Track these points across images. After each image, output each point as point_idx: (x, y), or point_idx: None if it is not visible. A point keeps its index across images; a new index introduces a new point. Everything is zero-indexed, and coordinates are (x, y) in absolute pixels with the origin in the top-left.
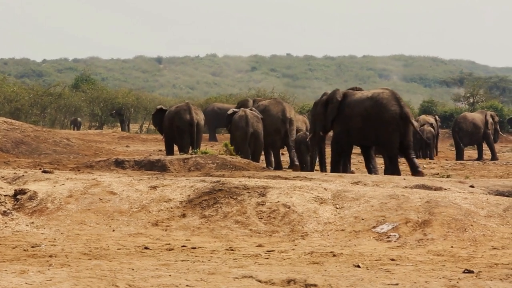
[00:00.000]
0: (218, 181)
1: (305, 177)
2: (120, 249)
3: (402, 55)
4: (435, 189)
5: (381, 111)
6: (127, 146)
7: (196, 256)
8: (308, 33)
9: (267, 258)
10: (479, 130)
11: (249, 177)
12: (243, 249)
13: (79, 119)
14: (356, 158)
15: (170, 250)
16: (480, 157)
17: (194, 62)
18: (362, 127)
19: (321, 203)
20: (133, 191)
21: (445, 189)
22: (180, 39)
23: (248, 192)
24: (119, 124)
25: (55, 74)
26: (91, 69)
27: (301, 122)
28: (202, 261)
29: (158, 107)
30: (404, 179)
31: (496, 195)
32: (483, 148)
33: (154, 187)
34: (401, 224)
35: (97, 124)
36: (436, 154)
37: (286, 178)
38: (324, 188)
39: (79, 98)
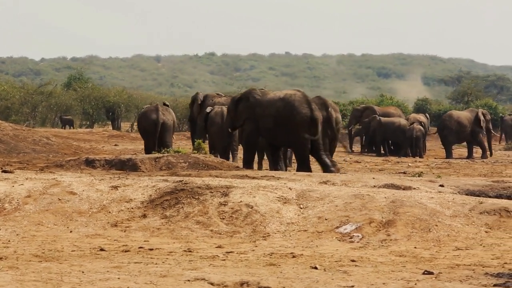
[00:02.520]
0: (180, 181)
1: (273, 176)
2: (74, 251)
3: (401, 53)
4: (404, 189)
5: (292, 113)
6: (115, 145)
7: (151, 258)
8: (307, 31)
9: (224, 260)
10: (465, 128)
11: (216, 176)
12: (201, 250)
13: (70, 117)
14: (339, 157)
15: (126, 251)
16: (470, 156)
17: (193, 61)
18: (272, 127)
19: (285, 203)
20: (93, 191)
21: (414, 189)
22: (179, 38)
23: (210, 192)
24: (110, 123)
25: (52, 73)
26: (89, 68)
27: None
28: (156, 263)
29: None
30: (374, 178)
31: (467, 194)
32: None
33: (116, 187)
34: (364, 224)
35: (88, 123)
36: (425, 152)
37: (253, 178)
38: (289, 188)
39: (70, 96)
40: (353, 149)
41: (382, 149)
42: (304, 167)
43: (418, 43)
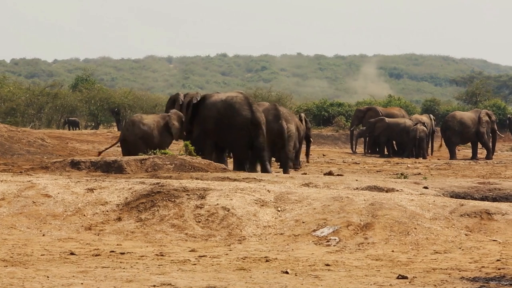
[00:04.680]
0: (157, 183)
1: (254, 178)
2: (44, 255)
3: (413, 54)
4: (386, 191)
5: (233, 115)
6: (118, 146)
7: (121, 262)
8: (319, 32)
9: (195, 264)
10: (468, 129)
11: (196, 178)
12: (174, 254)
13: (76, 119)
14: (340, 158)
15: (96, 255)
16: (474, 156)
17: (204, 62)
18: (215, 129)
19: (262, 205)
20: (68, 194)
21: (398, 191)
22: (191, 39)
23: (187, 194)
24: (115, 124)
25: (65, 74)
26: (101, 69)
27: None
28: (124, 268)
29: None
30: (357, 180)
31: (452, 196)
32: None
33: (91, 190)
34: (342, 227)
35: (93, 124)
36: (432, 154)
37: (234, 180)
38: (267, 190)
39: (75, 98)
40: (356, 150)
41: (386, 150)
42: (253, 168)
43: (430, 44)
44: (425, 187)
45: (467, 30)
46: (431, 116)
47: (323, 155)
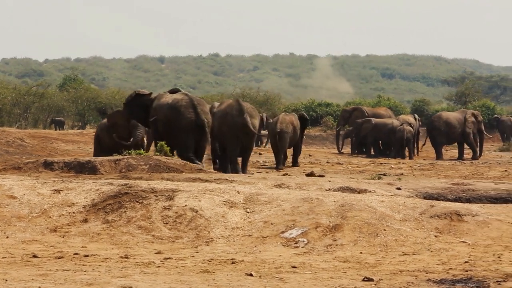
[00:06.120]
0: (125, 184)
1: (226, 179)
2: (5, 257)
3: (405, 54)
4: (359, 192)
5: (178, 118)
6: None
7: (83, 265)
8: (311, 32)
9: (159, 267)
10: (454, 129)
11: (167, 179)
12: (139, 256)
13: (62, 119)
14: (325, 159)
15: (59, 258)
16: (460, 157)
17: (197, 62)
18: (163, 131)
19: (231, 207)
20: (34, 195)
21: (370, 192)
22: (183, 39)
23: (155, 195)
24: None
25: (56, 74)
26: (93, 69)
27: (287, 123)
28: (85, 271)
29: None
30: (329, 181)
31: (425, 197)
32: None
33: (58, 191)
34: (311, 229)
35: (80, 124)
36: (417, 154)
37: (206, 181)
38: (237, 191)
39: (62, 97)
40: (342, 150)
41: (372, 150)
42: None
43: (422, 44)
44: (398, 188)
45: (459, 31)
46: (416, 116)
47: (310, 155)
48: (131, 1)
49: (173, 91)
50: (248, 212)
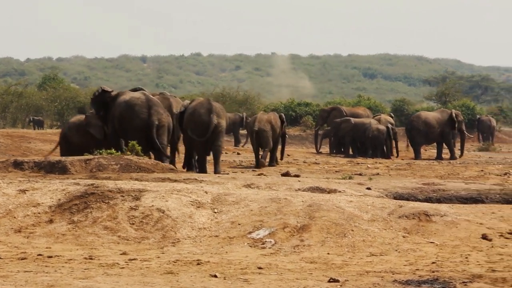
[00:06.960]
0: (91, 184)
1: (195, 179)
2: None
3: (387, 54)
4: (328, 192)
5: (132, 117)
6: None
7: (46, 266)
8: (293, 32)
9: (123, 268)
10: (433, 129)
11: (136, 179)
12: (103, 257)
13: (41, 118)
14: (302, 159)
15: (22, 259)
16: (438, 157)
17: (179, 61)
18: (119, 128)
19: (198, 207)
20: None
21: (340, 192)
22: (165, 38)
23: (122, 195)
24: None
25: (37, 73)
26: (74, 68)
27: (264, 122)
28: (47, 272)
29: None
30: (299, 181)
31: (395, 197)
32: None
33: (23, 191)
34: (278, 229)
35: (59, 123)
36: (392, 154)
37: (175, 181)
38: (205, 191)
39: (41, 97)
40: (321, 150)
41: (351, 150)
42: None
43: (404, 44)
44: (368, 188)
45: (441, 30)
46: (391, 115)
47: (288, 155)
48: (113, 0)
49: (135, 89)
50: (215, 213)
